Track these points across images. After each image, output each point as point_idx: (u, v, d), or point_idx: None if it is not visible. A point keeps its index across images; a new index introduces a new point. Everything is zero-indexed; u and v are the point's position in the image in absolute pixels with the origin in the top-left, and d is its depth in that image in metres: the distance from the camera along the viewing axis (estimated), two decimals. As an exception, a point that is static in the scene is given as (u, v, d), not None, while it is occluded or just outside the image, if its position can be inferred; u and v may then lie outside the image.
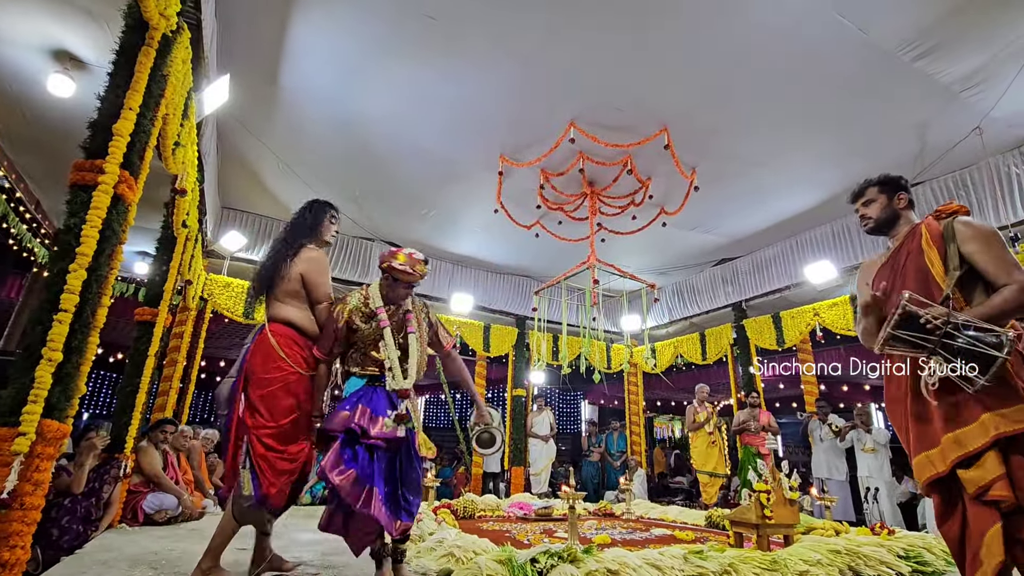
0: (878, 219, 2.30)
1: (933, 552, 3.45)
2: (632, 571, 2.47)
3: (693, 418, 7.47)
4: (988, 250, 1.92)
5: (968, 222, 2.01)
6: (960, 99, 4.78)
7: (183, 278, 5.32)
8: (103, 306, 2.47)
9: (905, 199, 2.28)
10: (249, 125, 5.62)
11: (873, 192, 2.32)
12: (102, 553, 3.00)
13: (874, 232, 2.31)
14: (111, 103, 2.40)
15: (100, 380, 14.43)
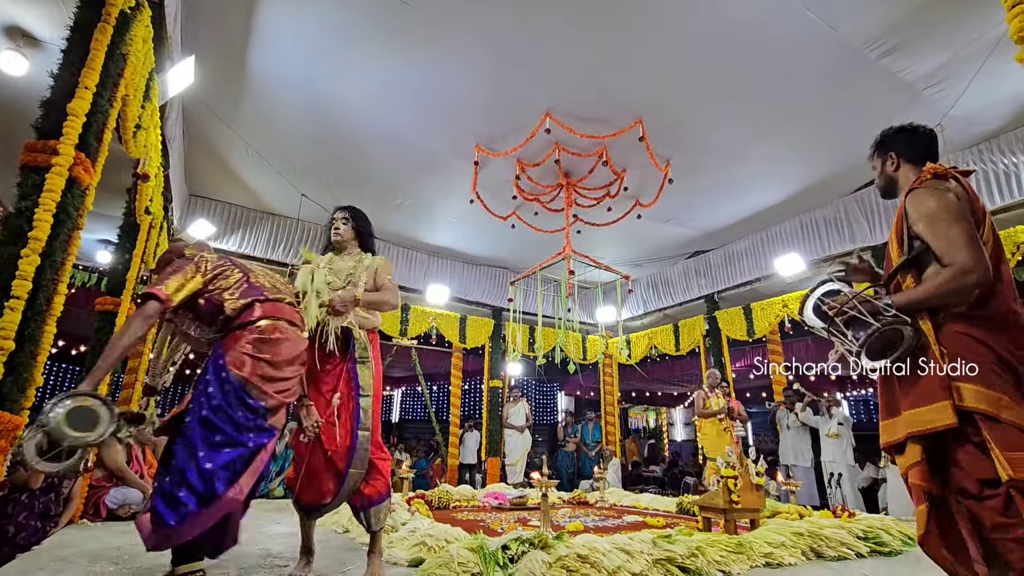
0: (881, 189, 2.09)
1: (891, 533, 3.59)
2: (602, 555, 2.50)
3: (703, 404, 6.87)
4: (933, 229, 1.71)
5: (914, 198, 1.79)
6: (923, 97, 4.93)
7: (147, 267, 5.16)
8: (59, 294, 2.39)
9: (895, 159, 2.01)
10: (217, 110, 5.46)
11: (872, 160, 2.10)
12: (61, 549, 2.91)
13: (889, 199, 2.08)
14: (65, 81, 2.30)
15: (63, 374, 13.97)
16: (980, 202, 1.75)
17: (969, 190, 1.76)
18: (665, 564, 2.61)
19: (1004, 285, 1.66)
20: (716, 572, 2.63)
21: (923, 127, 2.00)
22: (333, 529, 3.90)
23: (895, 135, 2.01)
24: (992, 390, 1.57)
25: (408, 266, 8.87)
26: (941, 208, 1.70)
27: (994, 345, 1.62)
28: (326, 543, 3.35)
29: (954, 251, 1.64)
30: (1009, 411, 1.54)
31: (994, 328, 1.63)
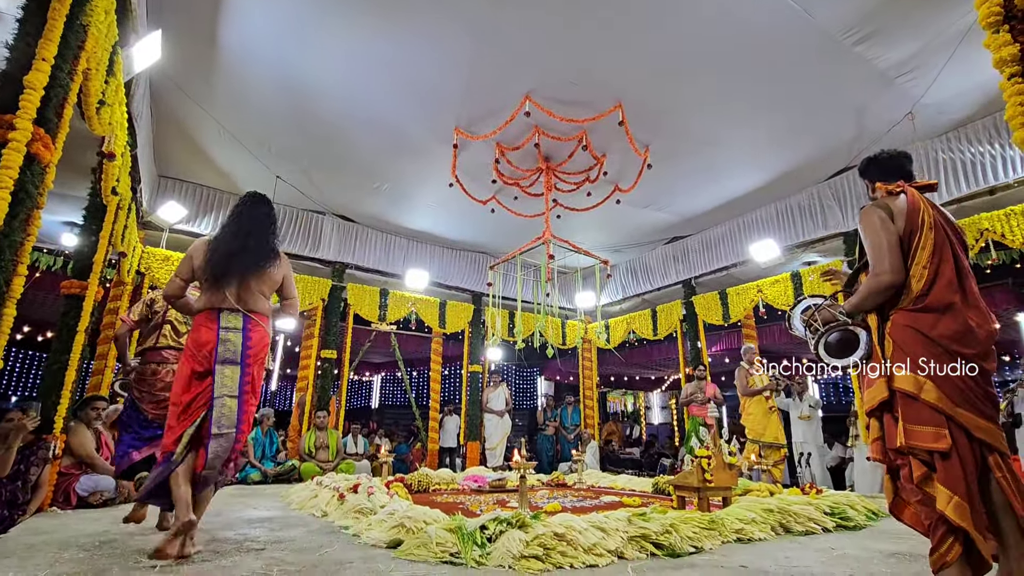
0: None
1: (856, 508, 3.73)
2: (578, 533, 2.55)
3: (747, 382, 6.28)
4: (864, 240, 2.08)
5: (860, 215, 2.13)
6: (895, 85, 5.02)
7: (116, 249, 5.00)
8: (19, 275, 2.30)
9: (870, 187, 2.31)
10: (186, 88, 5.28)
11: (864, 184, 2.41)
12: (29, 537, 2.84)
13: None
14: (21, 52, 2.20)
15: (29, 360, 13.58)
16: (924, 212, 2.03)
17: (913, 203, 2.05)
18: (640, 541, 2.67)
19: (944, 280, 1.94)
20: (689, 548, 2.70)
21: (888, 152, 2.32)
22: (312, 513, 3.89)
23: (869, 166, 2.34)
24: (919, 374, 1.86)
25: (387, 251, 8.78)
26: (870, 224, 2.05)
27: (930, 333, 1.90)
28: (305, 527, 3.34)
29: (876, 259, 2.01)
30: (930, 394, 1.83)
31: (931, 318, 1.92)
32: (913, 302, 1.94)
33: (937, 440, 1.78)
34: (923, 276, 1.94)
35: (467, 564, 2.37)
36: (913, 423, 1.84)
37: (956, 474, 1.74)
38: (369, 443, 8.79)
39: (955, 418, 1.80)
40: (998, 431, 1.84)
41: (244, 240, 2.68)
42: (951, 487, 1.73)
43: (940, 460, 1.77)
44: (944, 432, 1.78)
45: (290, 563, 2.35)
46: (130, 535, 2.92)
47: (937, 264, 1.95)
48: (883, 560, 2.55)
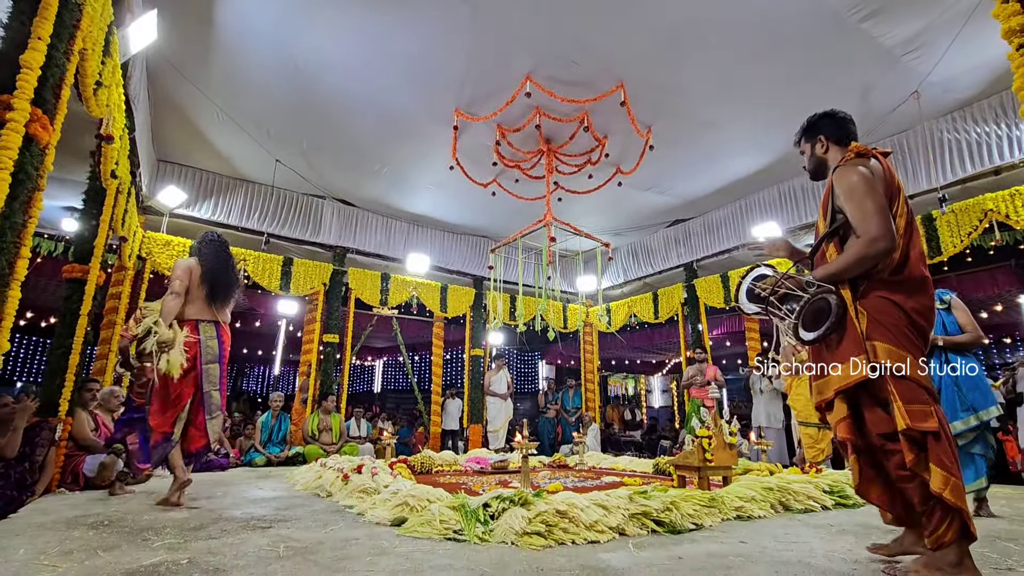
0: (811, 171, 2.22)
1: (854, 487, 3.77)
2: (580, 511, 2.58)
3: (793, 360, 5.39)
4: (850, 201, 1.88)
5: (840, 173, 1.95)
6: (901, 63, 4.95)
7: (116, 234, 4.99)
8: (22, 258, 2.30)
9: (824, 142, 2.13)
10: (184, 70, 5.23)
11: (802, 144, 2.24)
12: (39, 516, 2.89)
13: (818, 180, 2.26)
14: (16, 31, 2.17)
15: (33, 346, 13.65)
16: (897, 180, 1.94)
17: (887, 168, 1.94)
18: (641, 518, 2.70)
19: (916, 252, 1.86)
20: (689, 525, 2.73)
21: (844, 112, 2.16)
22: (316, 494, 3.94)
23: (822, 120, 2.16)
24: (902, 349, 1.78)
25: (388, 235, 8.76)
26: (859, 182, 1.87)
27: (906, 307, 1.82)
28: (310, 506, 3.39)
29: (867, 222, 1.82)
30: (914, 369, 1.75)
31: (907, 292, 1.83)
32: (889, 273, 1.84)
33: (927, 419, 1.71)
34: (899, 247, 1.83)
35: (470, 541, 2.40)
36: (911, 402, 1.73)
37: (949, 452, 1.70)
38: (372, 426, 8.87)
39: (933, 394, 1.76)
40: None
41: (235, 274, 3.64)
42: (946, 468, 1.67)
43: (932, 440, 1.71)
44: (931, 410, 1.72)
45: (296, 540, 2.38)
46: (137, 514, 2.96)
47: (911, 235, 1.87)
48: (882, 536, 2.58)
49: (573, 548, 2.33)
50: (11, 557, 2.05)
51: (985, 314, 9.18)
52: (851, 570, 1.97)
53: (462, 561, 2.07)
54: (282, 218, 7.78)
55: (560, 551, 2.27)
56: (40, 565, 1.93)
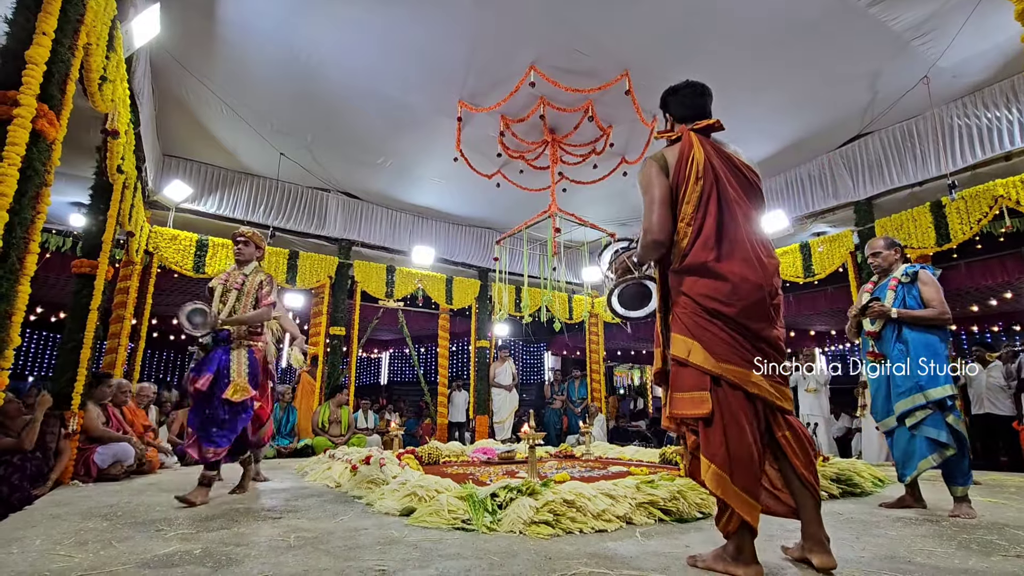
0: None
1: (861, 475, 3.76)
2: (587, 500, 2.59)
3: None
4: (643, 197, 1.97)
5: (642, 164, 2.00)
6: (910, 48, 4.88)
7: (123, 229, 5.02)
8: (32, 252, 2.32)
9: (670, 120, 2.11)
10: (187, 64, 5.22)
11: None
12: (53, 508, 2.93)
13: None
14: (21, 27, 2.17)
15: (43, 341, 13.79)
16: (693, 161, 1.87)
17: (683, 151, 1.90)
18: (648, 507, 2.71)
19: (701, 236, 1.82)
20: (696, 513, 2.74)
21: (690, 84, 2.09)
22: (326, 484, 3.98)
23: (667, 95, 2.12)
24: (689, 337, 1.79)
25: (393, 227, 8.77)
26: (642, 178, 1.96)
27: (692, 293, 1.82)
28: (319, 496, 3.43)
29: (644, 216, 1.92)
30: (697, 355, 1.75)
31: (694, 277, 1.83)
32: (679, 261, 1.87)
33: (699, 406, 1.73)
34: (687, 233, 1.84)
35: (479, 530, 2.42)
36: (679, 390, 1.80)
37: (716, 440, 1.69)
38: (379, 418, 8.93)
39: (724, 376, 1.72)
40: (777, 385, 1.77)
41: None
42: (709, 455, 1.69)
43: (703, 427, 1.74)
44: (706, 396, 1.72)
45: (306, 530, 2.41)
46: (149, 506, 3.00)
47: (701, 219, 1.84)
48: (890, 524, 2.59)
49: (581, 537, 2.35)
50: (28, 547, 2.08)
51: (995, 301, 9.10)
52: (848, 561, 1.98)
53: (471, 550, 2.09)
54: (287, 212, 7.80)
55: (568, 540, 2.29)
56: (56, 555, 1.96)
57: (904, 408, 2.89)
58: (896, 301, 3.07)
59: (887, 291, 3.13)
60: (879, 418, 3.11)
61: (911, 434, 2.89)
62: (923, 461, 2.82)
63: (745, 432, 1.69)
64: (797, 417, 1.83)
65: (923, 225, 5.91)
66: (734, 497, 1.65)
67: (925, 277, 3.06)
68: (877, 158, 6.33)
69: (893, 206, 6.40)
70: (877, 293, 3.19)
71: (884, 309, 3.02)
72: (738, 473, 1.66)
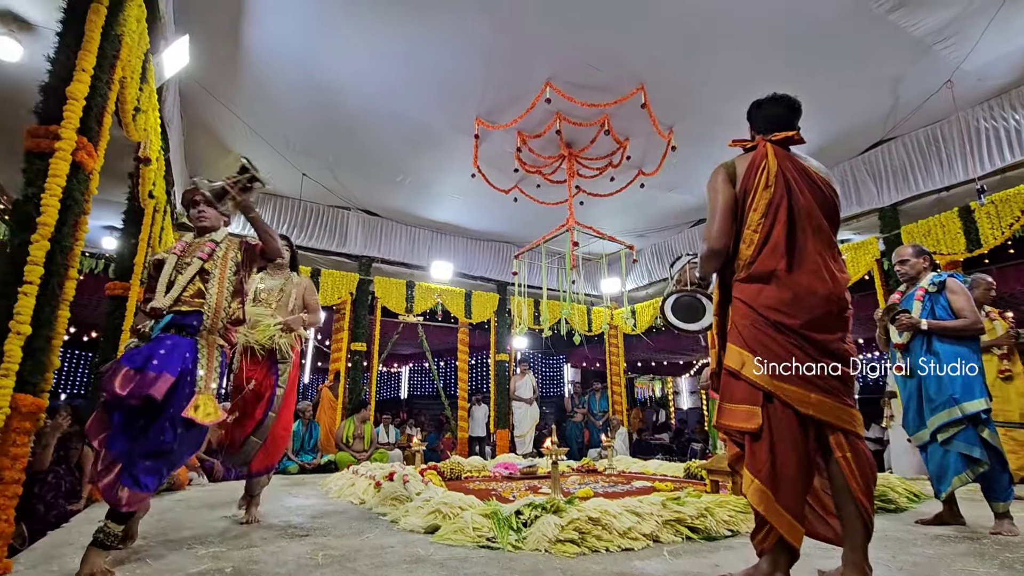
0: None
1: (896, 491, 3.65)
2: (613, 518, 2.57)
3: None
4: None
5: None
6: (932, 52, 4.81)
7: (154, 251, 5.18)
8: (71, 279, 2.41)
9: (735, 144, 2.13)
10: (213, 90, 5.40)
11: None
12: (89, 526, 2.99)
13: None
14: (62, 65, 2.28)
15: (75, 360, 14.17)
16: (764, 170, 1.83)
17: (755, 160, 1.87)
18: (675, 525, 2.68)
19: (769, 244, 1.78)
20: (725, 531, 2.69)
21: (774, 97, 2.05)
22: (350, 501, 4.01)
23: (752, 108, 2.10)
24: (744, 349, 1.75)
25: (412, 243, 8.87)
26: (708, 188, 1.93)
27: (753, 304, 1.77)
28: (343, 513, 3.45)
29: (706, 226, 1.90)
30: (751, 369, 1.71)
31: (755, 288, 1.78)
32: (743, 270, 1.82)
33: (748, 419, 1.68)
34: (753, 241, 1.80)
35: (504, 548, 2.42)
36: (728, 401, 1.77)
37: (762, 456, 1.64)
38: (400, 432, 8.97)
39: (777, 394, 1.67)
40: (838, 405, 1.69)
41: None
42: (754, 470, 1.65)
43: (750, 441, 1.69)
44: (756, 411, 1.67)
45: (334, 548, 2.43)
46: (179, 524, 3.06)
47: (769, 226, 1.79)
48: (927, 542, 2.51)
49: (607, 556, 2.33)
50: (67, 566, 2.14)
51: (1029, 307, 8.81)
52: (896, 578, 1.92)
53: (496, 569, 2.08)
54: (309, 230, 7.96)
55: (594, 559, 2.27)
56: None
57: (939, 423, 2.81)
58: (924, 311, 3.00)
59: (914, 301, 3.06)
60: (912, 432, 3.03)
61: (944, 450, 2.81)
62: (957, 477, 2.74)
63: (794, 451, 1.64)
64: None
65: (952, 231, 5.78)
66: (776, 516, 1.61)
67: (953, 286, 2.98)
68: (901, 163, 6.22)
69: (920, 212, 6.27)
70: (904, 304, 3.12)
71: (913, 321, 2.95)
72: (783, 492, 1.61)
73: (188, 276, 2.28)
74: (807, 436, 1.67)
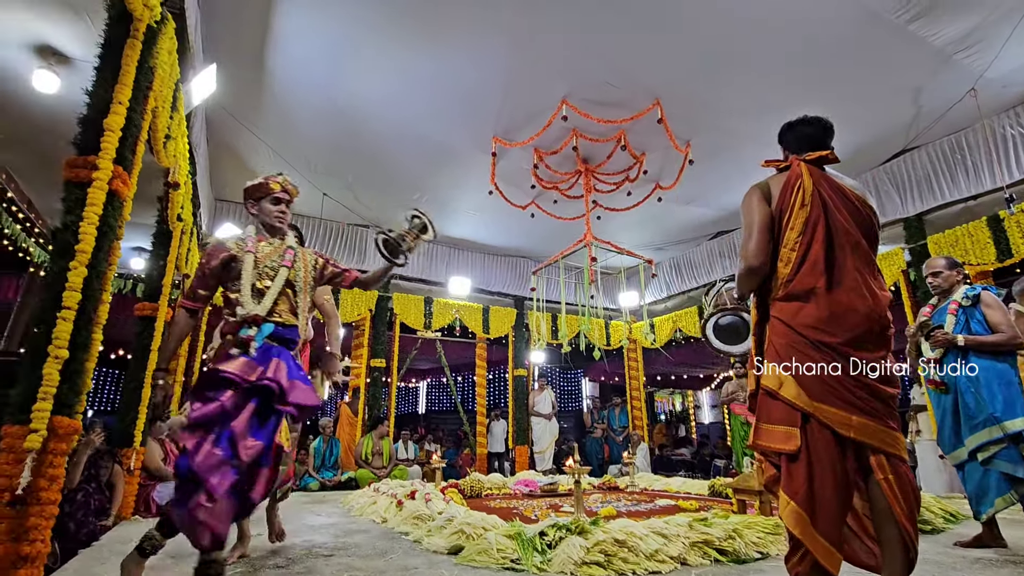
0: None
1: (932, 510, 3.53)
2: (638, 540, 2.53)
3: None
4: (742, 222, 1.92)
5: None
6: (954, 61, 4.75)
7: (180, 272, 5.31)
8: (104, 302, 2.48)
9: (785, 154, 2.10)
10: (238, 114, 5.56)
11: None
12: (118, 544, 3.05)
13: None
14: (100, 98, 2.37)
15: (102, 377, 14.48)
16: (800, 188, 1.83)
17: (790, 179, 1.85)
18: (703, 547, 2.62)
19: (808, 262, 1.76)
20: (755, 553, 2.63)
21: (805, 119, 2.07)
22: (372, 519, 4.01)
23: (784, 131, 2.11)
24: (780, 369, 1.71)
25: (429, 259, 8.95)
26: (743, 205, 1.92)
27: (792, 322, 1.74)
28: (366, 532, 3.45)
29: (742, 243, 1.87)
30: (789, 389, 1.67)
31: (794, 306, 1.75)
32: (781, 289, 1.79)
33: (786, 441, 1.64)
34: (790, 259, 1.77)
35: (528, 570, 2.39)
36: (765, 421, 1.73)
37: (799, 478, 1.60)
38: (419, 448, 8.96)
39: (816, 415, 1.63)
40: (881, 428, 1.64)
41: None
42: (791, 492, 1.60)
43: (787, 462, 1.64)
44: (795, 432, 1.63)
45: (359, 569, 2.43)
46: (208, 542, 3.09)
47: (807, 245, 1.77)
48: (967, 566, 2.42)
49: (634, 579, 2.29)
50: (100, 586, 2.17)
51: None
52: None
53: (523, 593, 2.06)
54: (330, 248, 8.09)
55: (621, 582, 2.23)
56: (126, 595, 2.04)
57: (979, 442, 2.72)
58: (957, 326, 2.92)
59: (947, 315, 2.98)
60: (948, 450, 2.93)
61: (984, 469, 2.71)
62: (1000, 499, 2.64)
63: (832, 473, 1.60)
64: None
65: (981, 240, 5.64)
66: (812, 540, 1.56)
67: (989, 299, 2.91)
68: (925, 173, 6.11)
69: (946, 221, 6.15)
70: (936, 317, 3.04)
71: (949, 338, 2.87)
72: (821, 516, 1.57)
73: (279, 286, 2.22)
74: (845, 457, 1.63)
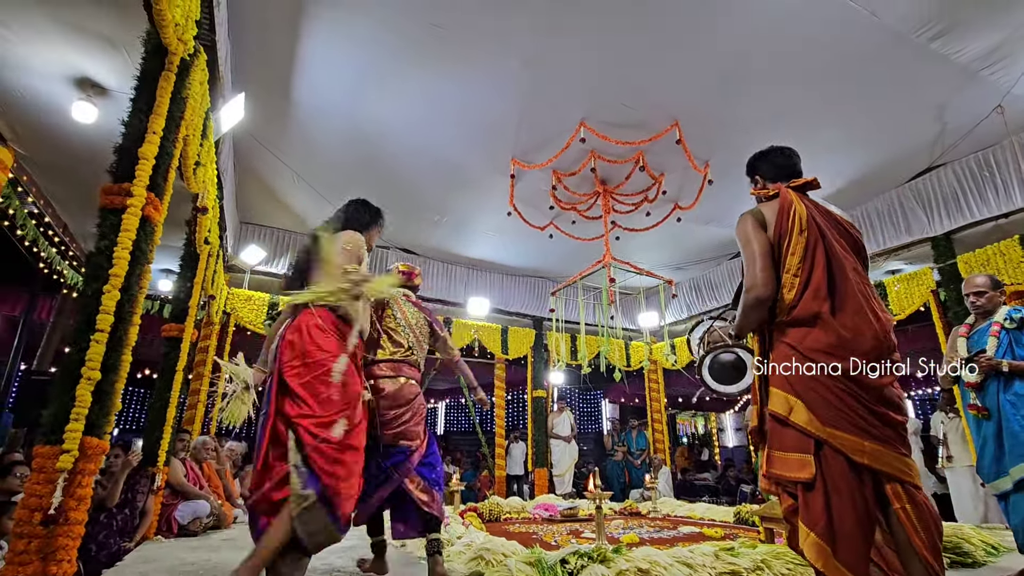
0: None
1: (971, 542, 3.36)
2: (663, 569, 2.46)
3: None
4: (741, 252, 1.90)
5: (738, 221, 1.95)
6: (980, 78, 4.68)
7: (206, 293, 5.43)
8: (134, 324, 2.54)
9: (761, 181, 2.13)
10: (264, 140, 5.73)
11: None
12: (141, 565, 3.07)
13: None
14: (135, 128, 2.47)
15: (128, 396, 14.75)
16: (795, 214, 1.84)
17: (783, 205, 1.87)
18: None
19: (811, 287, 1.75)
20: (784, 586, 2.54)
21: (776, 148, 2.13)
22: (391, 544, 3.96)
23: (755, 160, 2.15)
24: (791, 394, 1.68)
25: (448, 280, 9.00)
26: (740, 233, 1.90)
27: (799, 347, 1.72)
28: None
29: (746, 272, 1.84)
30: (800, 415, 1.64)
31: (801, 331, 1.74)
32: (785, 314, 1.77)
33: (801, 469, 1.59)
34: (793, 285, 1.76)
35: (550, 600, 2.34)
36: (778, 449, 1.68)
37: (818, 508, 1.55)
38: (438, 470, 8.88)
39: (829, 441, 1.59)
40: (893, 454, 1.59)
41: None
42: (809, 523, 1.55)
43: (803, 491, 1.59)
44: (809, 459, 1.59)
45: (378, 595, 2.40)
46: (228, 564, 3.09)
47: (808, 270, 1.76)
48: (1013, 604, 2.29)
49: (659, 611, 2.22)
50: (122, 608, 2.18)
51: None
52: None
53: (544, 623, 2.01)
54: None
55: (646, 614, 2.16)
56: (148, 617, 2.04)
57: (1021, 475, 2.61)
58: (1000, 350, 2.83)
59: (988, 337, 2.89)
60: (989, 480, 2.81)
61: None
62: None
63: (851, 501, 1.56)
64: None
65: (1014, 260, 5.48)
66: (836, 573, 1.51)
67: None
68: (952, 191, 5.99)
69: (976, 240, 5.99)
70: (975, 339, 2.95)
71: (993, 363, 2.78)
72: (842, 547, 1.52)
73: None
74: (863, 485, 1.59)
